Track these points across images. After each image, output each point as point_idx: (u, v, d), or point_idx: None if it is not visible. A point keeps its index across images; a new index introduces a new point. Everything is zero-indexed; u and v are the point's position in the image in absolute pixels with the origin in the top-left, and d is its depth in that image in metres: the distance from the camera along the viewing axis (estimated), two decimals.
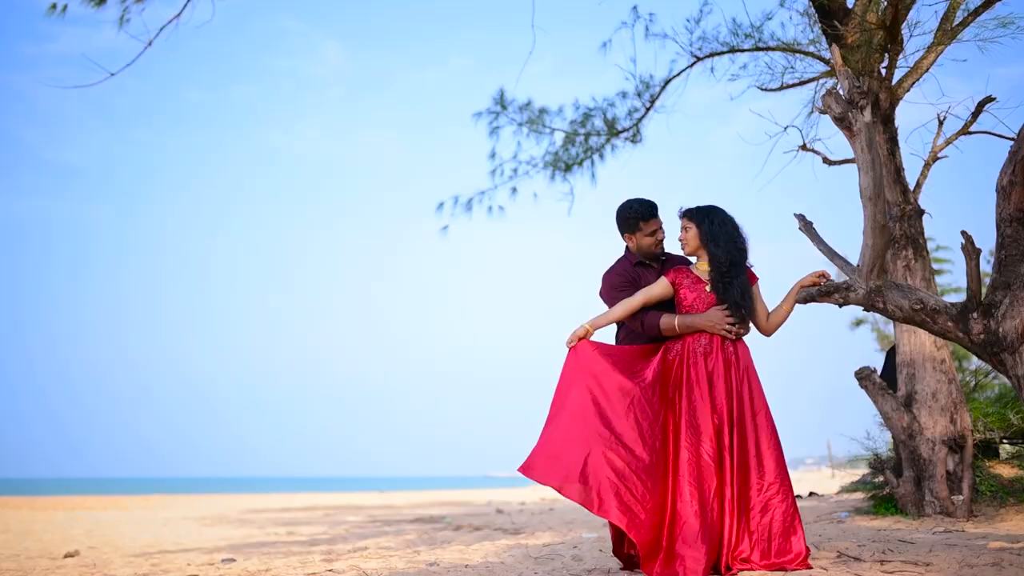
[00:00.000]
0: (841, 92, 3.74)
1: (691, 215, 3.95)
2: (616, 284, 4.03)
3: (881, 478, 8.36)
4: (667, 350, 3.87)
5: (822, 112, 3.70)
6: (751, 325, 3.92)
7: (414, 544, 6.79)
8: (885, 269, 3.78)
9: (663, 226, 4.04)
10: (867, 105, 3.62)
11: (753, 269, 3.96)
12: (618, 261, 4.15)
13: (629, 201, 4.03)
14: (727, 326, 3.79)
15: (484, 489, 38.69)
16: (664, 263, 4.09)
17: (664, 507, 3.56)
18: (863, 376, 6.73)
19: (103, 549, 7.93)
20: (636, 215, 3.98)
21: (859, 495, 8.56)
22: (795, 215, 4.16)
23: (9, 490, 38.46)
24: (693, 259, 4.02)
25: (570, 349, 3.87)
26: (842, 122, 3.63)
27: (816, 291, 3.80)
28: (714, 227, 3.87)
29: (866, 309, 3.80)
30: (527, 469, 3.65)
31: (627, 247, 4.15)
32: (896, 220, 3.65)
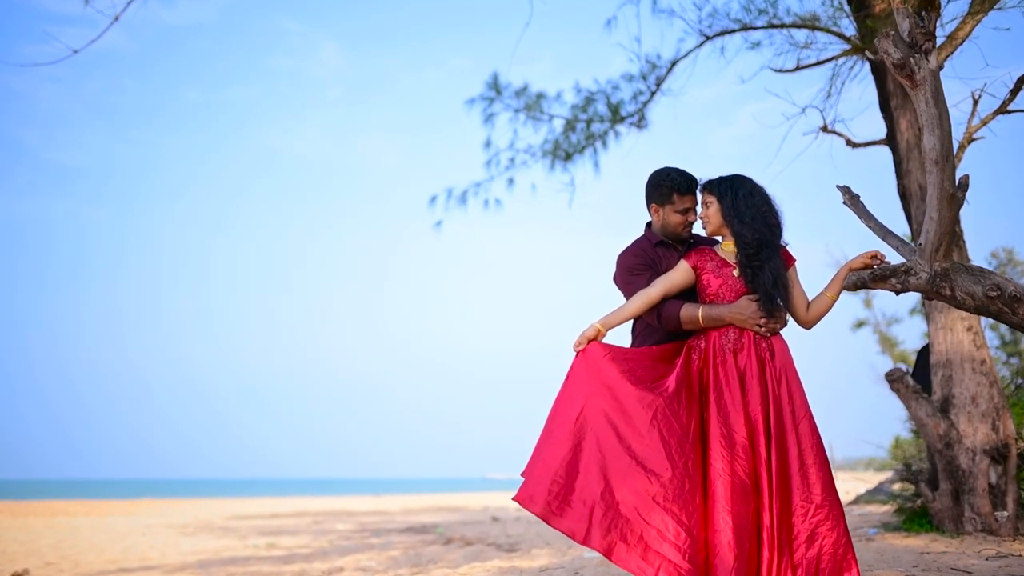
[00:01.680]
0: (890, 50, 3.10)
1: (712, 187, 3.31)
2: (633, 266, 3.39)
3: (901, 486, 7.71)
4: (690, 349, 3.23)
5: (876, 58, 3.06)
6: (788, 317, 3.28)
7: (396, 563, 6.14)
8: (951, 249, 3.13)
9: (696, 209, 3.39)
10: (933, 49, 2.98)
11: (789, 248, 3.32)
12: (636, 241, 3.51)
13: (667, 168, 3.41)
14: (760, 320, 3.15)
15: (481, 492, 38.04)
16: (691, 247, 3.44)
17: (705, 542, 2.91)
18: (895, 378, 6.09)
19: (60, 565, 7.28)
20: (672, 184, 3.34)
21: (884, 507, 7.93)
22: (839, 187, 3.52)
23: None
24: (719, 239, 3.38)
25: (578, 353, 3.23)
26: (902, 70, 2.99)
27: (868, 275, 3.16)
28: (739, 200, 3.23)
29: (928, 297, 3.16)
30: (528, 501, 3.00)
31: (648, 225, 3.52)
32: (965, 190, 2.99)
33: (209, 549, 9.17)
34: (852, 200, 3.44)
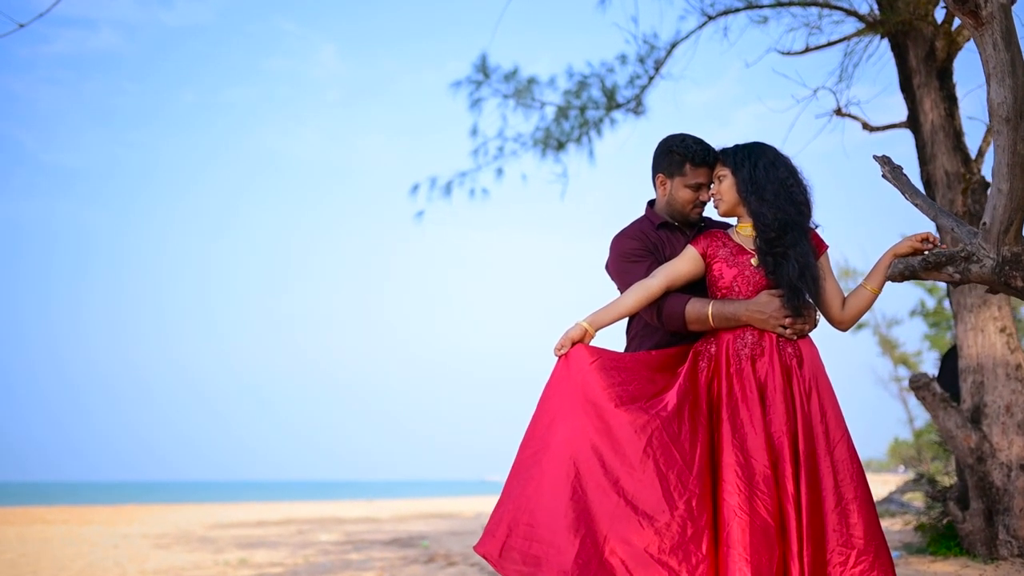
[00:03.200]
0: None
1: (725, 157, 2.72)
2: (629, 252, 2.78)
3: (920, 495, 7.11)
4: (698, 355, 2.62)
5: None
6: (818, 315, 2.68)
7: None
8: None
9: (710, 189, 2.78)
10: None
11: (820, 231, 2.72)
12: (634, 221, 2.91)
13: (683, 134, 2.81)
14: (785, 319, 2.55)
15: (476, 497, 37.41)
16: (700, 231, 2.83)
17: None
18: (920, 385, 5.49)
19: None
20: (686, 152, 2.74)
21: (899, 522, 7.34)
22: (875, 158, 2.92)
23: None
24: (734, 221, 2.78)
25: (559, 359, 2.62)
26: (964, 5, 2.39)
27: (919, 263, 2.56)
28: (758, 172, 2.63)
29: (992, 289, 2.56)
30: (495, 555, 2.40)
31: (650, 204, 2.91)
32: None
33: (176, 566, 8.56)
34: (893, 172, 2.83)
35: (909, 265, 2.57)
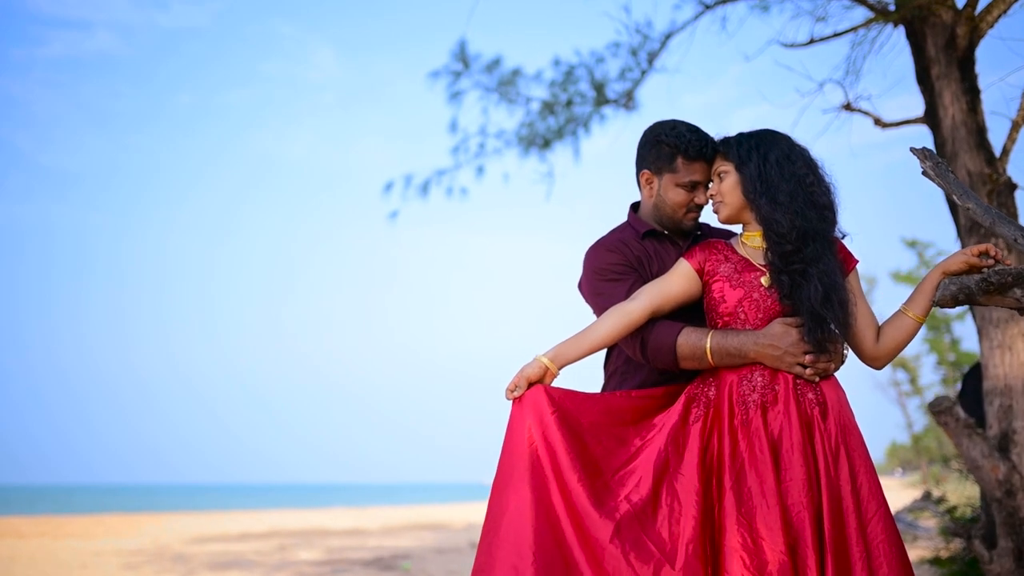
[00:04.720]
0: None
1: (728, 150, 2.15)
2: (607, 267, 2.21)
3: (934, 518, 6.58)
4: (691, 400, 2.05)
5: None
6: (847, 350, 2.11)
7: None
8: None
9: (709, 189, 2.22)
10: None
11: (848, 242, 2.16)
12: (614, 230, 2.34)
13: (674, 120, 2.24)
14: (805, 357, 1.98)
15: (470, 503, 36.89)
16: (696, 241, 2.26)
17: None
18: (942, 410, 4.91)
19: None
20: (678, 142, 2.18)
21: (915, 555, 6.79)
22: (914, 151, 2.35)
23: None
24: (738, 229, 2.21)
25: (513, 404, 2.05)
26: None
27: (977, 284, 1.99)
28: (768, 168, 2.07)
29: None
30: None
31: (634, 208, 2.35)
32: None
33: None
34: (937, 169, 2.26)
35: (964, 286, 2.00)
